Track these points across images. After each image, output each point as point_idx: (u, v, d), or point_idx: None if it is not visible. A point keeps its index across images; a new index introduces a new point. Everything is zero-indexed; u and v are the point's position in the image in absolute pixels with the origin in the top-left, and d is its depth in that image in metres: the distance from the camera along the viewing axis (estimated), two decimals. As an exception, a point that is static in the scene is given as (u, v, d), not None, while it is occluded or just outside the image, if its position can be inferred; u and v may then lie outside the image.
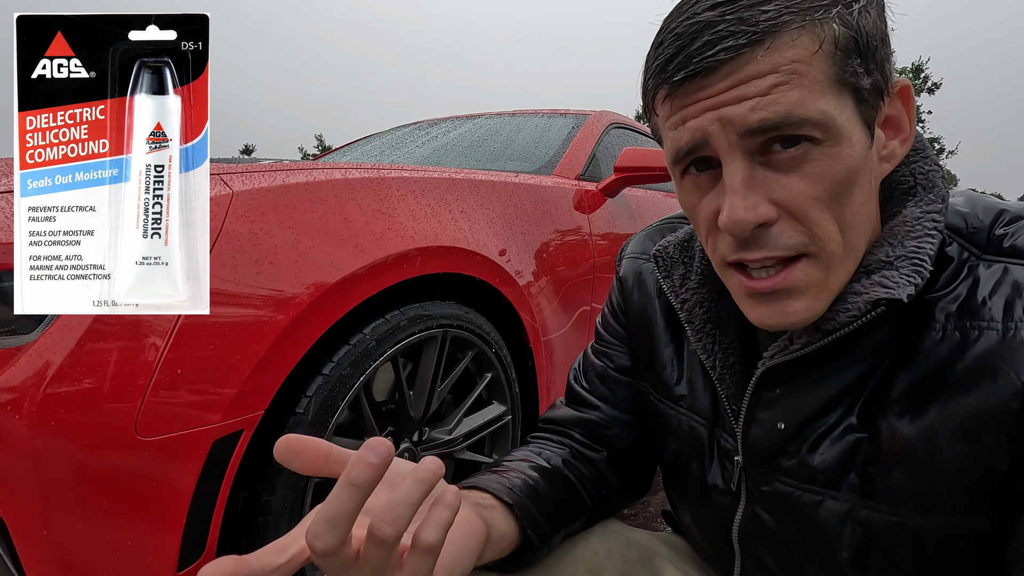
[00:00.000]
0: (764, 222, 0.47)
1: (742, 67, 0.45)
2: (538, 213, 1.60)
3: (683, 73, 0.47)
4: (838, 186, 0.47)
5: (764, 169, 0.47)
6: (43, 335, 0.74)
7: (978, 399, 0.46)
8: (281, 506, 0.96)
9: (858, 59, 0.46)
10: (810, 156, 0.46)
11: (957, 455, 0.47)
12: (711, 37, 0.45)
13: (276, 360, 0.92)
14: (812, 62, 0.45)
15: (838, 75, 0.45)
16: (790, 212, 0.47)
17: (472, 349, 1.36)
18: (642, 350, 0.74)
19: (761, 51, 0.44)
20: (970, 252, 0.50)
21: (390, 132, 2.82)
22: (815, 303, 0.49)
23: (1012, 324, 0.46)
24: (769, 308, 0.50)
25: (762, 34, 0.44)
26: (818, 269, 0.49)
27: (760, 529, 0.61)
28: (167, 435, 0.81)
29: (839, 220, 0.48)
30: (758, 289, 0.50)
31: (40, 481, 0.72)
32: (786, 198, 0.47)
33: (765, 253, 0.48)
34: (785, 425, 0.56)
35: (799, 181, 0.46)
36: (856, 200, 0.48)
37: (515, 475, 0.66)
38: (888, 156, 0.51)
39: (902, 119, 0.51)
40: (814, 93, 0.45)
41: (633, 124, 2.57)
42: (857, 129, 0.47)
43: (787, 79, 0.44)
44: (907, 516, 0.50)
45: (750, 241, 0.49)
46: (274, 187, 0.98)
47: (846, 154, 0.46)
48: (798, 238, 0.48)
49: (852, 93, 0.46)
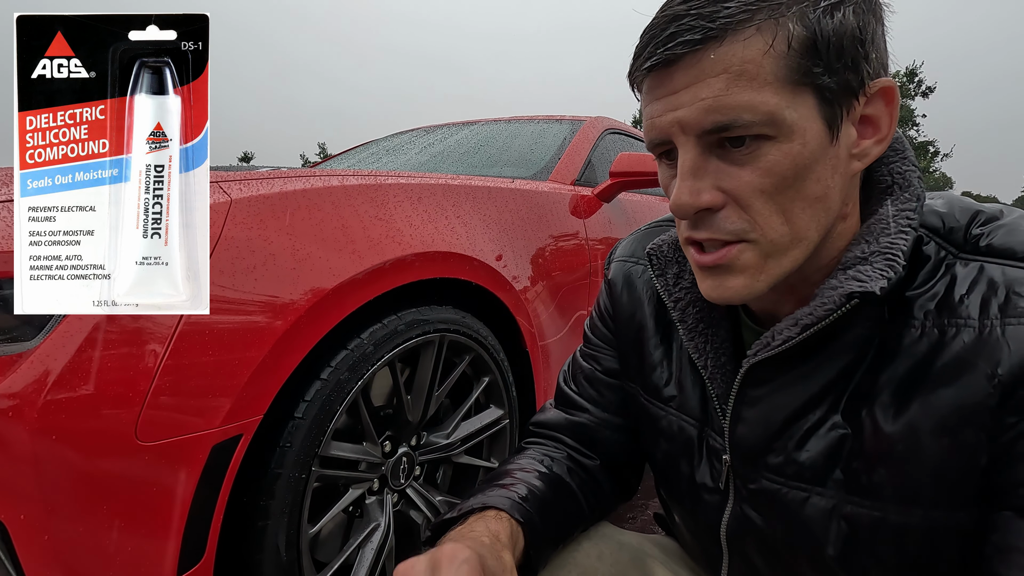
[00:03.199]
0: (708, 207, 0.51)
1: (699, 62, 0.48)
2: (534, 218, 1.61)
3: (649, 63, 0.50)
4: (786, 180, 0.49)
5: (718, 160, 0.51)
6: (44, 342, 0.74)
7: (957, 395, 0.47)
8: (280, 510, 0.97)
9: (816, 58, 0.47)
10: (761, 151, 0.49)
11: (937, 451, 0.48)
12: (675, 30, 0.48)
13: (274, 365, 0.92)
14: (762, 63, 0.47)
15: (789, 75, 0.47)
16: (736, 200, 0.51)
17: (469, 353, 1.36)
18: (631, 352, 0.75)
19: (714, 49, 0.47)
20: (947, 251, 0.52)
21: (388, 139, 2.84)
22: (752, 283, 0.52)
23: (988, 321, 0.47)
24: (713, 280, 0.54)
25: (718, 30, 0.47)
26: (755, 254, 0.52)
27: (747, 527, 0.61)
28: (167, 440, 0.81)
29: (785, 212, 0.50)
30: (704, 263, 0.54)
31: (41, 486, 0.73)
32: (732, 188, 0.50)
33: (708, 235, 0.52)
34: (770, 421, 0.57)
35: (749, 173, 0.49)
36: (808, 193, 0.50)
37: (523, 487, 0.67)
38: (860, 155, 0.52)
39: (881, 119, 0.52)
40: (763, 93, 0.47)
41: (628, 129, 2.59)
42: (814, 126, 0.49)
43: (737, 80, 0.47)
44: (890, 511, 0.51)
45: (698, 222, 0.53)
46: (272, 194, 0.99)
47: (796, 151, 0.48)
48: (740, 224, 0.51)
49: (814, 91, 0.48)
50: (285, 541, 0.98)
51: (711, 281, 0.54)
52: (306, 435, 0.99)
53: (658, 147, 0.55)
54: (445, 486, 1.43)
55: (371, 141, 2.92)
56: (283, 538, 0.98)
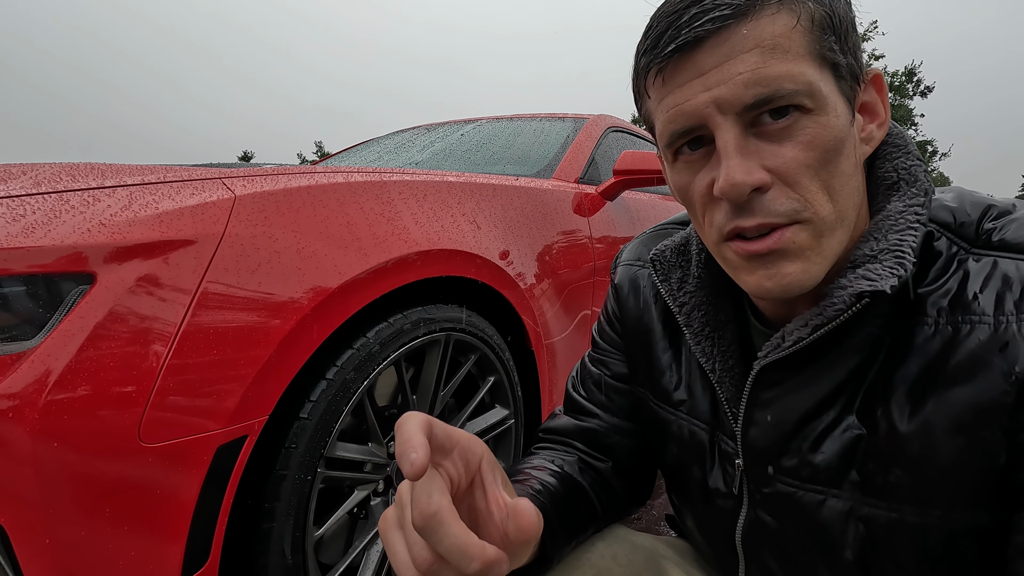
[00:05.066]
0: (759, 187, 0.48)
1: (727, 40, 0.47)
2: (539, 216, 1.60)
3: (674, 44, 0.49)
4: (827, 153, 0.48)
5: (756, 139, 0.49)
6: (45, 341, 0.73)
7: (972, 393, 0.46)
8: (285, 512, 0.95)
9: (833, 36, 0.48)
10: (800, 124, 0.48)
11: (953, 450, 0.47)
12: (698, 10, 0.48)
13: (280, 365, 0.91)
14: (792, 36, 0.47)
15: (817, 49, 0.48)
16: (782, 179, 0.49)
17: (475, 353, 1.35)
18: (640, 357, 0.74)
19: (745, 25, 0.47)
20: (959, 246, 0.51)
21: (389, 137, 2.82)
22: (810, 266, 0.50)
23: (1003, 318, 0.46)
24: (767, 271, 0.51)
25: (745, 7, 0.47)
26: (810, 234, 0.49)
27: (763, 532, 0.61)
28: (170, 442, 0.80)
29: (828, 188, 0.49)
30: (754, 251, 0.50)
31: (42, 489, 0.71)
32: (778, 165, 0.48)
33: (760, 220, 0.49)
34: (783, 424, 0.56)
35: (791, 148, 0.48)
36: (843, 170, 0.50)
37: (536, 482, 0.66)
38: (867, 138, 0.53)
39: (877, 105, 0.54)
40: (800, 64, 0.47)
41: (631, 128, 2.58)
42: (839, 101, 0.49)
43: (771, 53, 0.47)
44: (907, 512, 0.50)
45: (745, 208, 0.50)
46: (276, 191, 0.97)
47: (833, 123, 0.48)
48: (790, 204, 0.49)
49: (831, 68, 0.49)
50: (291, 543, 0.97)
51: (763, 271, 0.50)
52: (312, 436, 0.98)
53: (683, 136, 0.52)
54: (449, 487, 1.42)
55: (372, 139, 2.90)
56: (288, 540, 0.96)
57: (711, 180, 0.51)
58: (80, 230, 0.76)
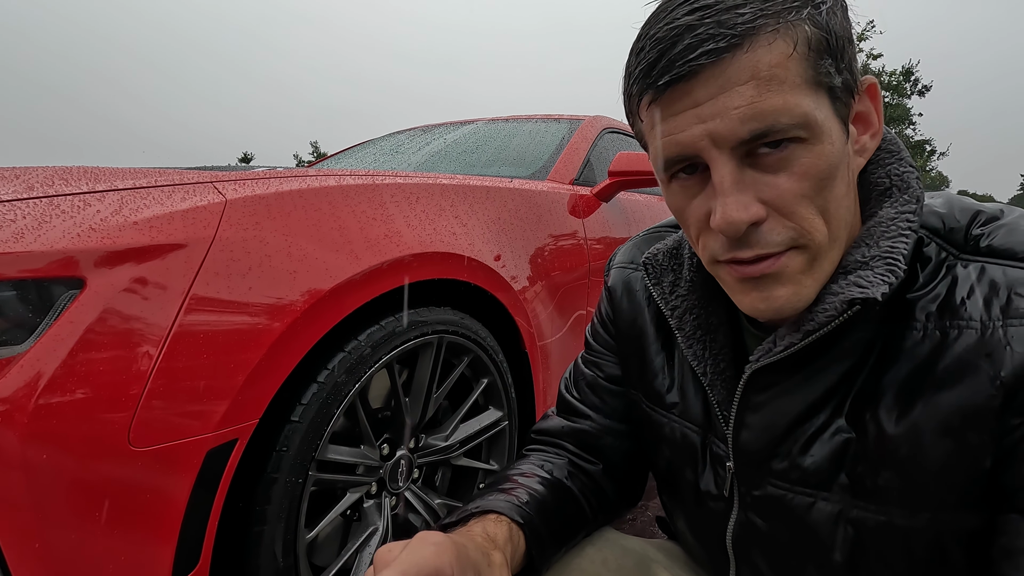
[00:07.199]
0: (755, 221, 0.49)
1: (723, 72, 0.46)
2: (533, 218, 1.60)
3: (667, 77, 0.48)
4: (822, 181, 0.48)
5: (751, 169, 0.49)
6: (35, 346, 0.73)
7: (960, 397, 0.47)
8: (276, 515, 0.95)
9: (829, 59, 0.48)
10: (796, 155, 0.47)
11: (942, 453, 0.48)
12: (692, 40, 0.46)
13: (271, 368, 0.91)
14: (788, 65, 0.46)
15: (813, 76, 0.47)
16: (778, 210, 0.49)
17: (468, 355, 1.35)
18: (633, 359, 0.74)
19: (740, 55, 0.46)
20: (948, 252, 0.52)
21: (385, 138, 2.82)
22: (800, 289, 0.51)
23: (990, 323, 0.47)
24: (760, 293, 0.52)
25: (740, 37, 0.46)
26: (805, 259, 0.50)
27: (754, 534, 0.61)
28: (161, 445, 0.80)
29: (823, 213, 0.49)
30: (748, 274, 0.51)
31: (32, 493, 0.71)
32: (774, 197, 0.48)
33: (757, 251, 0.50)
34: (774, 427, 0.57)
35: (786, 180, 0.48)
36: (837, 193, 0.50)
37: (524, 491, 0.67)
38: (861, 150, 0.53)
39: (871, 115, 0.54)
40: (796, 95, 0.46)
41: (627, 129, 2.58)
42: (835, 126, 0.49)
43: (767, 85, 0.46)
44: (896, 515, 0.50)
45: (742, 240, 0.50)
46: (268, 194, 0.97)
47: (828, 151, 0.48)
48: (787, 234, 0.49)
49: (827, 92, 0.48)
50: (282, 546, 0.97)
51: (756, 294, 0.52)
52: (303, 439, 0.98)
53: (677, 164, 0.52)
54: (444, 489, 1.42)
55: (368, 140, 2.90)
56: (280, 543, 0.96)
57: (707, 211, 0.51)
58: (70, 235, 0.76)
